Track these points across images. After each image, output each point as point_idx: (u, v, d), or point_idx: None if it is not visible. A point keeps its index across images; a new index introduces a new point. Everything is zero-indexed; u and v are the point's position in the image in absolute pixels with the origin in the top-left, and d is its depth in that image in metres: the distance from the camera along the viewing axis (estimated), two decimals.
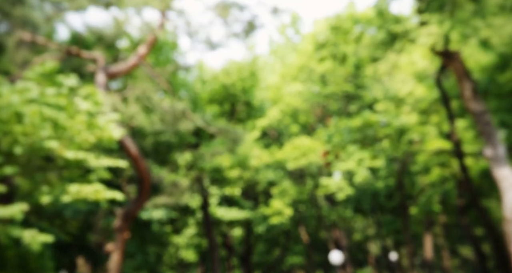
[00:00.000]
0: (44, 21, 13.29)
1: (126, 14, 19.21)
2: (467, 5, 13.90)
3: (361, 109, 29.60)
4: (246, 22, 21.59)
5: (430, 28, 15.86)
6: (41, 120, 11.26)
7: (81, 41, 17.27)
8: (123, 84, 22.80)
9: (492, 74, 19.06)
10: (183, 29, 21.74)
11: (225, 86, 30.14)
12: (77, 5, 14.52)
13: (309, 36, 29.79)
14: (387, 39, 19.10)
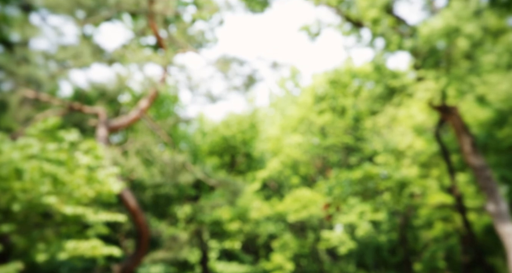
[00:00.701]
0: (48, 78, 13.58)
1: (128, 70, 19.65)
2: (462, 63, 14.23)
3: (361, 161, 29.62)
4: (246, 76, 22.00)
5: (427, 83, 16.16)
6: (40, 175, 11.24)
7: (83, 97, 17.56)
8: (124, 137, 22.95)
9: (491, 130, 19.24)
10: (184, 83, 22.14)
11: (225, 138, 30.33)
12: (81, 62, 14.87)
13: (308, 89, 30.34)
14: (385, 93, 19.40)
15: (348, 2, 22.23)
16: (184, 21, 24.47)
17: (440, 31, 15.05)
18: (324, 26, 23.87)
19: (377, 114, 21.60)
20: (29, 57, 13.25)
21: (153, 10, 19.19)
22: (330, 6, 22.77)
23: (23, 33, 13.46)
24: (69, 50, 14.99)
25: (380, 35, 19.95)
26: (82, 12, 15.94)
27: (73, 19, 15.43)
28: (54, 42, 14.83)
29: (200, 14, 24.36)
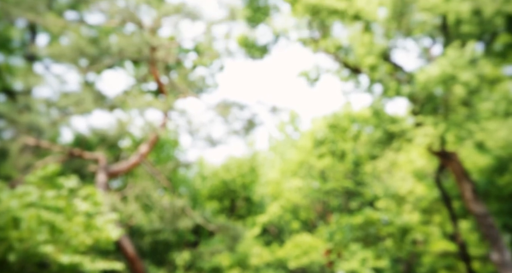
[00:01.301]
0: (50, 125, 13.71)
1: (129, 115, 19.84)
2: (460, 109, 14.40)
3: (362, 206, 29.38)
4: (246, 120, 22.14)
5: (426, 129, 16.28)
6: (38, 224, 11.13)
7: (84, 142, 17.64)
8: (124, 182, 22.85)
9: (491, 176, 19.21)
10: (184, 128, 22.26)
11: (225, 182, 30.20)
12: (83, 109, 15.05)
13: (308, 133, 30.52)
14: (384, 138, 19.49)
15: (346, 49, 22.73)
16: (185, 67, 24.93)
17: (437, 78, 15.31)
18: (323, 71, 24.31)
19: (377, 159, 21.63)
20: (32, 105, 13.42)
21: (155, 57, 19.56)
22: (328, 52, 23.27)
23: (26, 82, 13.70)
24: (71, 97, 15.19)
25: (378, 81, 20.29)
26: (85, 60, 16.27)
27: (76, 67, 15.74)
28: (56, 89, 15.08)
29: (200, 60, 24.85)
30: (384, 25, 19.06)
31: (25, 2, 13.47)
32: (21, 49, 16.27)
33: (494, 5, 14.01)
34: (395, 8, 17.80)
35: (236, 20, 21.13)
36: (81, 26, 16.75)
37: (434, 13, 15.79)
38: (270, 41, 24.43)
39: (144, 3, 19.21)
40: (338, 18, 21.60)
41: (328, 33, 23.25)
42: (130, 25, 19.52)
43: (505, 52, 14.70)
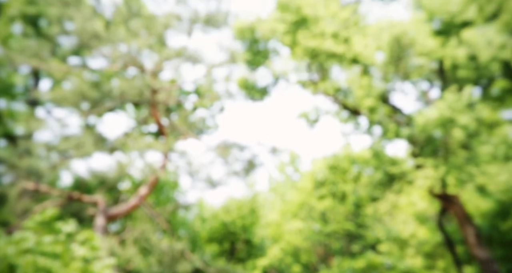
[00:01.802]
0: (49, 169, 13.70)
1: (129, 157, 19.84)
2: (460, 152, 14.41)
3: (364, 249, 28.89)
4: (246, 161, 22.12)
5: (426, 171, 16.25)
6: (34, 271, 10.91)
7: (83, 185, 17.56)
8: (122, 225, 22.59)
9: (494, 221, 19.01)
10: (184, 169, 22.20)
11: (225, 224, 29.84)
12: (83, 152, 15.07)
13: (308, 174, 30.41)
14: (384, 180, 19.42)
15: (345, 91, 23.01)
16: (186, 109, 25.14)
17: (436, 121, 15.42)
18: (322, 113, 24.51)
19: (378, 201, 21.45)
20: (32, 149, 13.45)
21: (156, 99, 19.76)
22: (327, 94, 23.54)
23: (28, 126, 13.79)
24: (71, 141, 15.24)
25: (377, 123, 20.42)
26: (87, 103, 16.44)
27: (78, 111, 15.88)
28: (57, 133, 15.15)
29: (201, 102, 25.10)
30: (382, 69, 19.37)
31: (29, 49, 13.76)
32: (23, 94, 16.48)
33: (490, 51, 14.30)
34: (392, 53, 18.15)
35: (236, 63, 21.46)
36: (83, 71, 17.03)
37: (430, 58, 16.08)
38: (270, 83, 24.76)
39: (146, 47, 19.59)
40: (336, 61, 21.99)
41: (327, 76, 23.60)
42: (132, 69, 19.84)
43: (502, 96, 14.88)
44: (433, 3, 17.13)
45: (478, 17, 15.78)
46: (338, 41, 21.59)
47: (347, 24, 21.36)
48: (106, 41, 17.48)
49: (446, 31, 16.96)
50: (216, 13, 20.67)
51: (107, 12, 18.45)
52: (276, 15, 23.16)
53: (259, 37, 24.18)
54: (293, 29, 22.83)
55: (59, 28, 15.17)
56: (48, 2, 14.65)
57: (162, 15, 20.03)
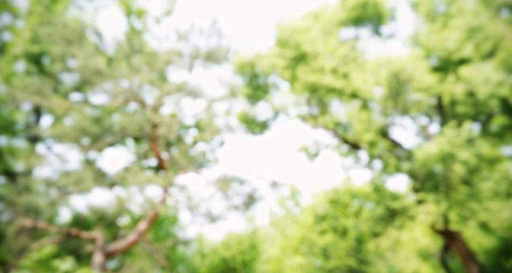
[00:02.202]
0: (48, 206, 13.60)
1: (129, 192, 19.72)
2: (461, 188, 14.35)
3: None
4: (246, 195, 21.98)
5: (428, 206, 16.13)
6: None
7: (82, 222, 17.39)
8: (121, 262, 22.24)
9: (497, 259, 18.72)
10: (184, 204, 22.03)
11: (225, 259, 29.37)
12: (82, 187, 14.99)
13: (308, 209, 30.16)
14: (386, 215, 19.25)
15: (345, 125, 23.12)
16: (186, 143, 25.17)
17: (436, 156, 15.42)
18: (322, 147, 24.55)
19: (379, 236, 21.20)
20: (31, 186, 13.39)
21: (156, 134, 19.80)
22: (327, 128, 23.64)
23: (28, 163, 13.78)
24: (71, 176, 15.18)
25: (377, 157, 20.42)
26: (87, 139, 16.47)
27: (78, 146, 15.89)
28: (57, 169, 15.12)
29: (201, 136, 25.16)
30: (381, 104, 19.53)
31: (31, 86, 13.91)
32: (24, 131, 16.56)
33: (488, 88, 14.45)
34: (391, 88, 18.34)
35: (236, 98, 21.62)
36: (85, 107, 17.15)
37: (429, 93, 16.24)
38: (270, 117, 24.91)
39: (147, 83, 19.79)
40: (336, 95, 22.19)
41: (326, 110, 23.77)
42: (133, 104, 19.98)
43: (502, 133, 14.94)
44: (430, 40, 17.44)
45: (475, 54, 16.04)
46: (337, 76, 21.86)
47: (346, 60, 21.67)
48: (108, 77, 17.68)
49: (444, 68, 17.20)
50: (217, 49, 20.97)
51: (109, 49, 18.73)
52: (275, 50, 23.53)
53: (259, 72, 24.48)
54: (292, 64, 23.15)
55: (62, 66, 15.37)
56: (52, 41, 14.90)
57: (163, 52, 20.31)
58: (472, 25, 15.72)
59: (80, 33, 15.87)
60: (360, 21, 21.55)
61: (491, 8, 16.07)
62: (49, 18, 15.50)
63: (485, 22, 15.71)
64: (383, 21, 21.26)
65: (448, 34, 16.53)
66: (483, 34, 15.57)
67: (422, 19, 19.43)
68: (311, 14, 23.20)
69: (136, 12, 20.61)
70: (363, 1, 20.57)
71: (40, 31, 15.13)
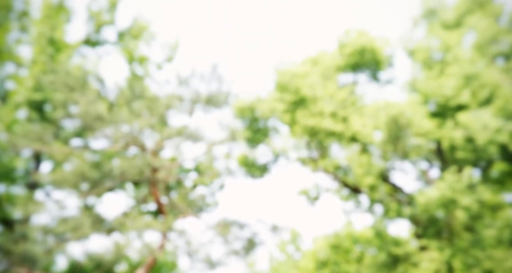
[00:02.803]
0: (45, 254, 13.38)
1: (127, 238, 19.45)
2: (464, 234, 14.16)
3: None
4: (246, 240, 21.67)
5: (431, 253, 15.88)
6: None
7: (78, 269, 17.05)
8: None
9: None
10: (183, 249, 21.69)
11: None
12: (80, 234, 14.80)
13: (309, 254, 29.64)
14: (388, 261, 18.92)
15: (345, 169, 23.09)
16: (186, 187, 25.05)
17: (437, 201, 15.33)
18: (323, 190, 24.43)
19: None
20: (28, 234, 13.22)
21: (156, 178, 19.74)
22: (327, 172, 23.60)
23: (26, 210, 13.67)
24: (69, 223, 15.01)
25: (378, 201, 20.29)
26: (86, 184, 16.40)
27: (77, 192, 15.81)
28: (55, 215, 14.97)
29: (201, 179, 25.09)
30: (381, 148, 19.59)
31: (32, 133, 14.00)
32: (23, 178, 16.55)
33: (486, 134, 14.55)
34: (390, 132, 18.45)
35: (236, 141, 21.70)
36: (85, 152, 17.19)
37: (428, 138, 16.33)
38: (270, 161, 24.92)
39: (148, 127, 19.92)
40: (335, 139, 22.29)
41: (326, 153, 23.81)
42: (133, 148, 20.05)
43: (502, 179, 14.91)
44: (428, 86, 17.71)
45: (472, 101, 16.26)
46: (337, 120, 22.04)
47: (344, 104, 21.92)
48: (109, 123, 17.82)
49: (442, 113, 17.38)
50: (217, 94, 21.23)
51: (111, 95, 18.98)
52: (275, 95, 23.82)
53: (259, 115, 24.69)
54: (292, 108, 23.38)
55: (63, 112, 15.53)
56: (54, 88, 15.13)
57: (164, 96, 20.55)
58: (468, 73, 16.02)
59: (83, 80, 16.12)
60: (358, 67, 21.96)
61: (486, 57, 16.46)
62: (52, 66, 15.80)
63: (481, 70, 16.02)
64: (380, 67, 21.66)
65: (445, 81, 16.81)
66: (480, 82, 15.85)
67: (419, 66, 19.83)
68: (310, 59, 23.64)
69: (138, 59, 21.03)
70: (360, 48, 21.03)
71: (43, 79, 15.39)
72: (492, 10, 17.81)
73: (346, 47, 21.96)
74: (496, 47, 16.60)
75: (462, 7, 18.67)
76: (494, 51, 16.60)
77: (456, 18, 18.69)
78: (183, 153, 22.38)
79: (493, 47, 16.57)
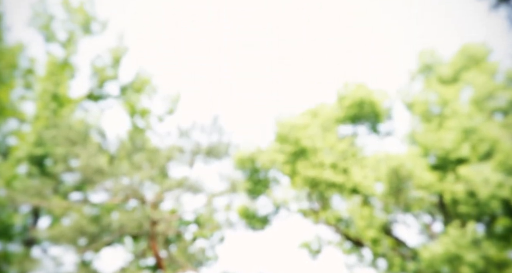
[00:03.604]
0: None
1: None
2: None
3: None
4: None
5: None
6: None
7: None
8: None
9: None
10: None
11: None
12: None
13: None
14: None
15: (346, 221, 22.81)
16: (185, 240, 24.66)
17: (442, 256, 15.03)
18: (325, 243, 24.02)
19: None
20: None
21: (155, 231, 19.49)
22: (329, 224, 23.30)
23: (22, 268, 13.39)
24: None
25: (381, 255, 19.90)
26: (84, 239, 16.15)
27: (75, 247, 15.55)
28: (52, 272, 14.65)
29: (201, 232, 24.75)
30: (382, 200, 19.44)
31: (32, 188, 13.95)
32: (21, 234, 16.32)
33: (488, 189, 14.49)
34: (391, 184, 18.36)
35: (237, 192, 21.60)
36: (84, 206, 17.06)
37: (430, 191, 16.24)
38: (271, 212, 24.68)
39: (148, 179, 19.87)
40: (336, 191, 22.17)
41: (327, 205, 23.60)
42: (133, 201, 19.90)
43: (507, 235, 14.70)
44: (427, 139, 17.83)
45: (472, 154, 16.32)
46: (337, 171, 21.99)
47: (345, 155, 21.94)
48: (109, 176, 17.79)
49: (443, 166, 17.39)
50: (218, 145, 21.33)
51: (112, 148, 19.08)
52: (275, 146, 23.90)
53: (260, 166, 24.67)
54: (292, 159, 23.40)
55: (63, 166, 15.55)
56: (56, 143, 15.22)
57: (165, 148, 20.64)
58: (467, 127, 16.18)
59: (84, 134, 16.25)
60: (358, 119, 22.17)
61: (484, 112, 16.69)
62: (54, 121, 15.97)
63: (479, 124, 16.18)
64: (380, 119, 21.87)
65: (444, 134, 16.94)
66: (479, 136, 15.97)
67: (418, 119, 20.04)
68: (310, 111, 23.90)
69: (139, 112, 21.27)
70: (359, 100, 21.32)
71: (45, 134, 15.52)
72: (487, 67, 18.28)
73: (345, 100, 22.26)
74: (494, 103, 16.88)
75: (458, 63, 19.16)
76: (491, 107, 16.85)
77: (452, 73, 19.11)
78: (183, 205, 22.20)
79: (491, 103, 16.83)
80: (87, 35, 19.24)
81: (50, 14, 18.61)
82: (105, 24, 20.00)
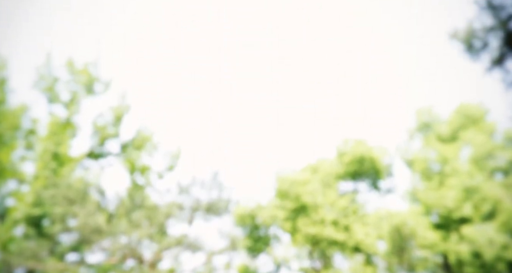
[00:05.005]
0: None
1: None
2: None
3: None
4: None
5: None
6: None
7: None
8: None
9: None
10: None
11: None
12: None
13: None
14: None
15: None
16: None
17: None
18: None
19: None
20: None
21: None
22: None
23: None
24: None
25: None
26: None
27: None
28: None
29: None
30: (386, 259, 19.04)
31: (28, 250, 13.69)
32: None
33: (493, 250, 14.22)
34: (394, 243, 18.05)
35: (237, 250, 21.20)
36: (80, 267, 16.66)
37: (433, 251, 15.93)
38: (271, 271, 24.16)
39: (147, 237, 19.54)
40: (338, 249, 21.78)
41: (329, 264, 23.10)
42: (130, 260, 19.48)
43: None
44: (429, 197, 17.71)
45: (474, 214, 16.15)
46: (339, 228, 21.70)
47: (346, 212, 21.72)
48: (107, 234, 17.51)
49: (446, 225, 17.17)
50: (218, 201, 21.17)
51: (111, 206, 18.90)
52: (276, 202, 23.73)
53: (260, 223, 24.37)
54: (293, 216, 23.16)
55: (61, 226, 15.34)
56: (54, 202, 15.10)
57: (164, 205, 20.45)
58: (468, 186, 16.14)
59: (83, 192, 16.14)
60: (358, 175, 22.15)
61: (484, 171, 16.70)
62: (54, 180, 15.92)
63: (480, 183, 16.15)
64: (380, 176, 21.84)
65: (446, 193, 16.86)
66: (480, 195, 15.89)
67: (418, 176, 20.01)
68: (310, 167, 23.90)
69: (139, 169, 21.23)
70: (359, 157, 21.38)
71: (43, 193, 15.42)
72: (485, 127, 18.47)
73: (345, 156, 22.32)
74: (493, 162, 16.92)
75: (455, 122, 19.38)
76: (491, 166, 16.88)
77: (450, 132, 19.30)
78: (182, 263, 21.72)
79: (490, 162, 16.88)
80: (90, 95, 19.57)
81: (54, 76, 19.01)
82: (108, 84, 20.37)
